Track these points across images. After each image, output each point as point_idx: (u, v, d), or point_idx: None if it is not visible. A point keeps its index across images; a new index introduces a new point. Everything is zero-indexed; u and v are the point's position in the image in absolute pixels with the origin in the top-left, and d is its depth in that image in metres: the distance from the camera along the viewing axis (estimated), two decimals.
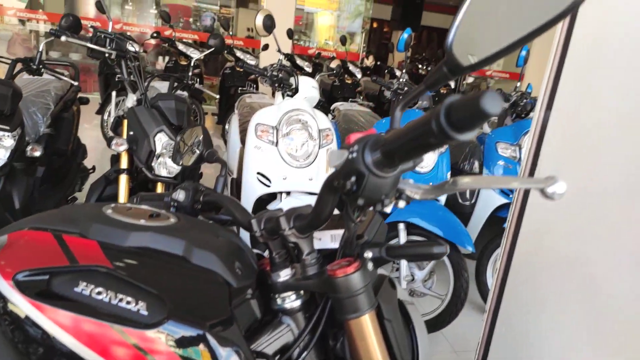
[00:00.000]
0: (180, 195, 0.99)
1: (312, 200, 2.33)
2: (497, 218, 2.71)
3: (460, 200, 3.04)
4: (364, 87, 5.72)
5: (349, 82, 5.19)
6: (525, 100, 2.72)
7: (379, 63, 6.40)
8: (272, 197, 2.42)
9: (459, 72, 0.58)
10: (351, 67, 5.21)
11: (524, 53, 2.92)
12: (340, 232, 0.83)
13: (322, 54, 7.00)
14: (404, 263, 2.44)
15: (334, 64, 3.40)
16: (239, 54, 5.03)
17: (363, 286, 0.71)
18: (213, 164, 1.14)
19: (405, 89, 2.58)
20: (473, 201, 3.05)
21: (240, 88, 4.82)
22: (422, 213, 2.42)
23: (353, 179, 0.55)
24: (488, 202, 2.73)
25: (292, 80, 2.35)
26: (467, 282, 2.37)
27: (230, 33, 5.98)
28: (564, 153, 1.20)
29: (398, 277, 2.50)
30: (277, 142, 2.26)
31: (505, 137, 2.68)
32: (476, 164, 3.02)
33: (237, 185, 2.94)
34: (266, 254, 0.82)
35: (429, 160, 2.46)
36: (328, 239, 0.87)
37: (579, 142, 1.16)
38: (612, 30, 1.08)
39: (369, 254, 0.74)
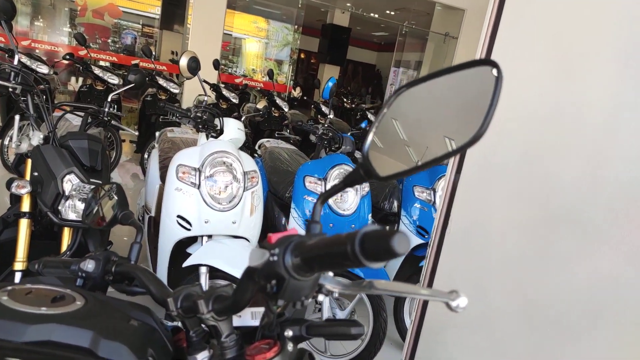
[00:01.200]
0: (89, 265, 0.93)
1: (235, 245, 2.29)
2: (414, 257, 2.84)
3: None
4: (290, 120, 5.79)
5: (276, 114, 5.24)
6: None
7: (305, 98, 6.53)
8: (193, 239, 2.34)
9: (372, 178, 0.61)
10: (278, 101, 5.27)
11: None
12: (261, 309, 0.82)
13: (249, 84, 7.00)
14: (325, 304, 2.46)
15: (260, 105, 3.42)
16: (161, 82, 4.87)
17: None
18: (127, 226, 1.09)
19: (330, 134, 2.66)
20: None
21: (161, 117, 4.66)
22: None
23: (274, 282, 0.56)
24: None
25: (217, 121, 2.32)
26: (386, 322, 2.44)
27: (153, 58, 5.79)
28: (470, 212, 1.29)
29: (320, 318, 2.51)
30: (199, 185, 2.20)
31: (421, 181, 2.84)
32: (395, 204, 3.16)
33: (154, 224, 2.81)
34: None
35: (351, 202, 2.54)
36: (248, 316, 0.86)
37: (486, 205, 1.26)
38: (523, 76, 1.20)
39: (289, 333, 0.74)
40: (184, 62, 2.05)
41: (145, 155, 5.05)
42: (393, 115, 0.60)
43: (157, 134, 3.69)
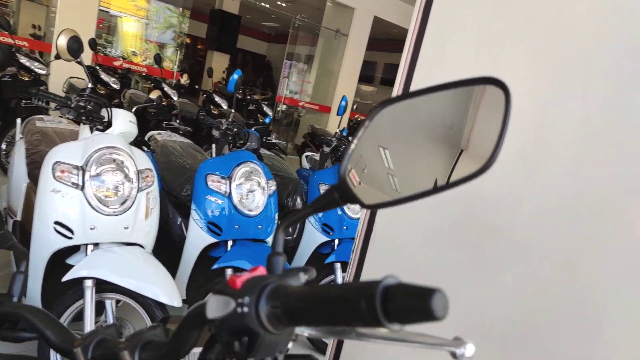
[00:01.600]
0: None
1: (127, 253, 2.02)
2: (319, 254, 2.83)
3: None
4: (180, 110, 5.40)
5: (165, 103, 4.83)
6: (344, 145, 2.94)
7: (197, 87, 6.15)
8: (74, 248, 2.01)
9: (352, 202, 0.53)
10: (167, 89, 4.87)
11: (343, 103, 3.17)
12: (199, 349, 0.69)
13: (131, 68, 6.36)
14: None
15: (154, 95, 3.08)
16: (23, 60, 4.16)
17: None
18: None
19: (235, 129, 2.49)
20: (295, 236, 3.14)
21: (24, 101, 3.98)
22: (249, 256, 2.36)
23: (245, 339, 0.44)
24: (311, 239, 2.83)
25: (103, 112, 2.02)
26: None
27: (11, 31, 4.92)
28: (394, 219, 1.28)
29: None
30: (82, 185, 1.89)
31: (326, 179, 2.83)
32: (298, 200, 3.12)
33: (22, 230, 2.37)
34: None
35: (258, 202, 2.42)
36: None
37: (408, 210, 1.25)
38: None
39: None
40: (62, 42, 1.72)
41: (3, 146, 4.30)
42: (374, 133, 0.52)
43: (18, 122, 3.14)
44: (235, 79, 2.29)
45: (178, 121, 5.13)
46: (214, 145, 5.37)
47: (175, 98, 4.96)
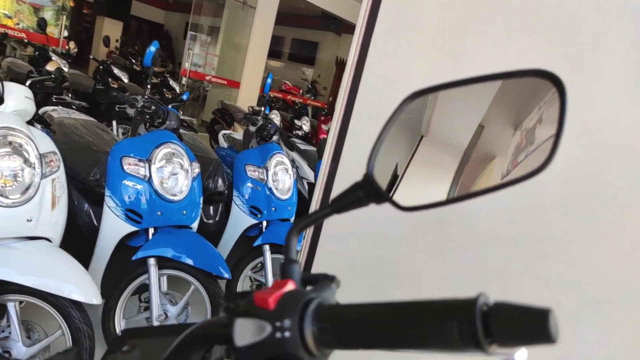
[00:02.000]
0: None
1: (30, 248, 1.80)
2: (247, 237, 2.75)
3: (204, 219, 2.94)
4: (71, 82, 4.81)
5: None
6: (269, 125, 2.84)
7: (91, 57, 5.50)
8: None
9: (380, 202, 0.49)
10: (56, 58, 4.30)
11: (269, 81, 3.05)
12: None
13: (8, 33, 5.50)
14: (154, 301, 2.16)
15: (52, 67, 2.65)
16: None
17: None
18: None
19: (153, 108, 2.26)
20: (217, 219, 3.01)
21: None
22: (174, 244, 2.20)
23: None
24: (239, 222, 2.73)
25: None
26: None
27: None
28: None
29: (150, 317, 2.20)
30: None
31: (253, 160, 2.73)
32: (220, 182, 2.97)
33: None
34: None
35: (182, 186, 2.25)
36: None
37: None
38: (399, 77, 1.19)
39: None
40: None
41: None
42: (404, 126, 0.48)
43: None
44: (153, 51, 2.07)
45: (70, 95, 4.57)
46: (114, 123, 4.91)
47: (66, 69, 4.39)
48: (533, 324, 0.30)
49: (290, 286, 0.42)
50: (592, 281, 0.86)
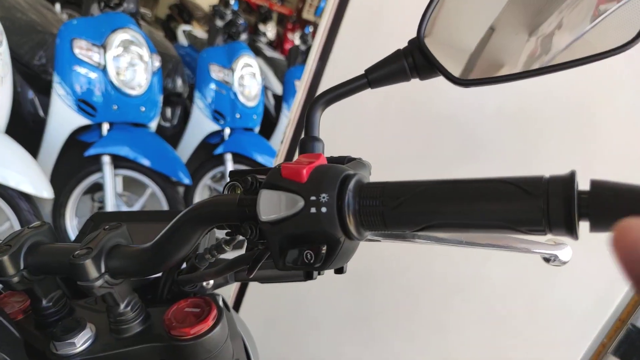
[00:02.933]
0: None
1: None
2: (208, 144, 2.63)
3: (161, 122, 2.77)
4: None
5: None
6: (239, 22, 2.60)
7: None
8: None
9: (431, 73, 0.42)
10: None
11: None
12: None
13: None
14: (109, 202, 2.07)
15: None
16: None
17: (225, 338, 0.49)
18: None
19: None
20: (175, 122, 2.85)
21: None
22: (131, 142, 2.07)
23: (323, 248, 0.33)
24: (200, 127, 2.60)
25: None
26: None
27: None
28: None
29: None
30: None
31: (218, 59, 2.52)
32: (179, 82, 2.77)
33: None
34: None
35: (141, 80, 2.06)
36: None
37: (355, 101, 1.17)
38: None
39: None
40: None
41: None
42: None
43: None
44: None
45: None
46: (57, 5, 4.36)
47: None
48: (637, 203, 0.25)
49: (322, 160, 0.37)
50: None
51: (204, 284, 0.53)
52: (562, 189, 0.27)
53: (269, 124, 3.46)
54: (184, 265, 0.52)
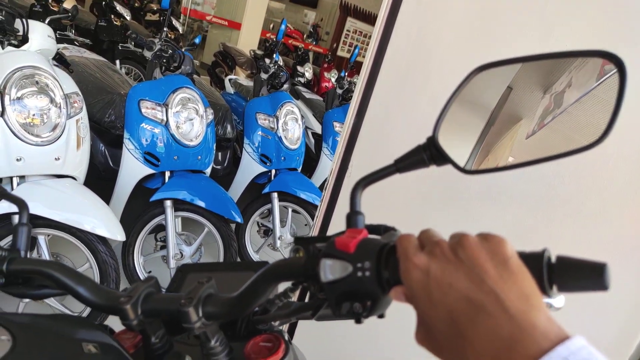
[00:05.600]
0: None
1: (59, 185, 1.91)
2: (256, 184, 2.85)
3: (213, 165, 3.02)
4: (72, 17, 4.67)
5: (55, 8, 4.14)
6: (282, 73, 2.85)
7: None
8: None
9: (442, 164, 0.56)
10: None
11: (283, 27, 3.01)
12: None
13: None
14: (171, 241, 2.29)
15: (68, 4, 2.58)
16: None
17: None
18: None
19: (170, 52, 2.27)
20: (225, 165, 3.08)
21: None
22: (188, 187, 2.30)
23: (369, 303, 0.46)
24: (249, 169, 2.82)
25: (18, 24, 1.70)
26: (237, 252, 2.45)
27: None
28: (374, 159, 1.35)
29: (166, 256, 2.34)
30: (3, 111, 1.64)
31: (264, 108, 2.76)
32: (228, 128, 3.02)
33: None
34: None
35: (197, 132, 2.31)
36: None
37: (387, 150, 1.32)
38: (427, 40, 1.23)
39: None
40: None
41: None
42: (469, 96, 0.55)
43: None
44: None
45: (73, 32, 4.47)
46: (117, 62, 4.83)
47: (69, 7, 4.26)
48: (593, 275, 0.38)
49: (364, 234, 0.51)
50: (602, 239, 0.97)
51: (272, 322, 0.68)
52: (534, 264, 0.39)
53: (310, 162, 3.66)
54: (257, 308, 0.66)
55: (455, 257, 0.39)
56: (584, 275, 0.38)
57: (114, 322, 0.63)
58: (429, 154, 0.56)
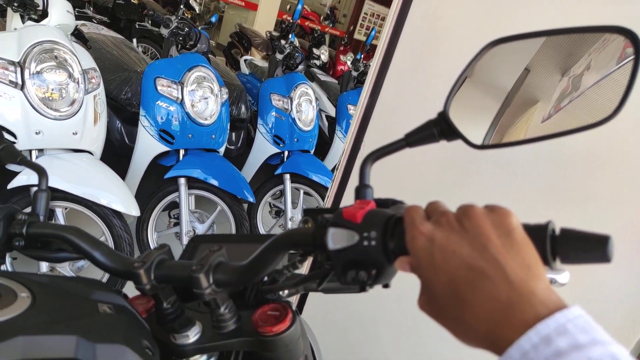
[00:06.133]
0: None
1: (77, 160, 1.96)
2: (269, 165, 2.87)
3: (227, 145, 3.04)
4: None
5: None
6: (296, 54, 2.83)
7: None
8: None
9: (452, 139, 0.57)
10: None
11: (300, 7, 2.99)
12: None
13: None
14: (184, 218, 2.33)
15: None
16: None
17: (298, 337, 0.65)
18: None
19: (186, 29, 2.27)
20: (239, 145, 3.10)
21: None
22: (202, 165, 2.32)
23: (374, 271, 0.47)
24: (262, 150, 2.84)
25: None
26: (248, 231, 2.48)
27: None
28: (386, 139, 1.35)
29: (179, 233, 2.38)
30: (22, 84, 1.67)
31: (278, 88, 2.76)
32: (243, 109, 3.03)
33: None
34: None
35: (212, 111, 2.33)
36: None
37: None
38: (443, 22, 1.22)
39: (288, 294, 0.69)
40: None
41: None
42: (483, 71, 0.55)
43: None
44: None
45: (92, 9, 4.50)
46: (134, 40, 4.85)
47: None
48: (597, 247, 0.38)
49: (372, 205, 0.52)
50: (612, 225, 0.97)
51: (280, 292, 0.69)
52: (538, 236, 0.40)
53: (323, 144, 3.66)
54: (266, 277, 0.68)
55: (460, 226, 0.40)
56: (587, 247, 0.39)
57: (129, 291, 0.65)
58: (439, 128, 0.56)
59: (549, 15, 1.05)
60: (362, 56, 3.96)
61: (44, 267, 1.91)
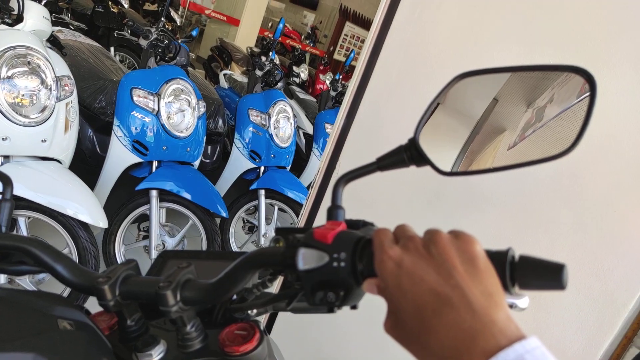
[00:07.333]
0: None
1: (43, 168, 1.90)
2: (244, 180, 2.85)
3: (202, 158, 3.01)
4: (68, 1, 4.63)
5: None
6: (277, 71, 2.85)
7: None
8: None
9: (422, 165, 0.58)
10: None
11: (281, 26, 3.02)
12: None
13: None
14: (154, 231, 2.28)
15: None
16: None
17: (265, 357, 0.64)
18: None
19: (166, 41, 2.26)
20: (214, 159, 3.08)
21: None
22: (175, 178, 2.29)
23: (342, 292, 0.48)
24: (238, 165, 2.82)
25: (13, 3, 1.69)
26: (220, 246, 2.44)
27: None
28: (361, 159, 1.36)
29: (148, 246, 2.33)
30: None
31: (257, 104, 2.77)
32: (220, 122, 3.02)
33: None
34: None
35: (188, 123, 2.31)
36: None
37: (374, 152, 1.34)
38: (419, 48, 1.25)
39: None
40: None
41: None
42: (450, 102, 0.57)
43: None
44: None
45: (70, 15, 4.43)
46: (112, 49, 4.80)
47: None
48: (552, 275, 0.39)
49: (343, 226, 0.53)
50: (573, 248, 1.00)
51: (249, 311, 0.68)
52: (498, 262, 0.41)
53: (300, 161, 3.67)
54: (235, 296, 0.67)
55: (427, 252, 0.40)
56: (543, 275, 0.40)
57: (92, 307, 0.63)
58: (409, 154, 0.57)
59: (518, 50, 1.09)
60: (341, 77, 4.02)
61: (2, 279, 1.83)
